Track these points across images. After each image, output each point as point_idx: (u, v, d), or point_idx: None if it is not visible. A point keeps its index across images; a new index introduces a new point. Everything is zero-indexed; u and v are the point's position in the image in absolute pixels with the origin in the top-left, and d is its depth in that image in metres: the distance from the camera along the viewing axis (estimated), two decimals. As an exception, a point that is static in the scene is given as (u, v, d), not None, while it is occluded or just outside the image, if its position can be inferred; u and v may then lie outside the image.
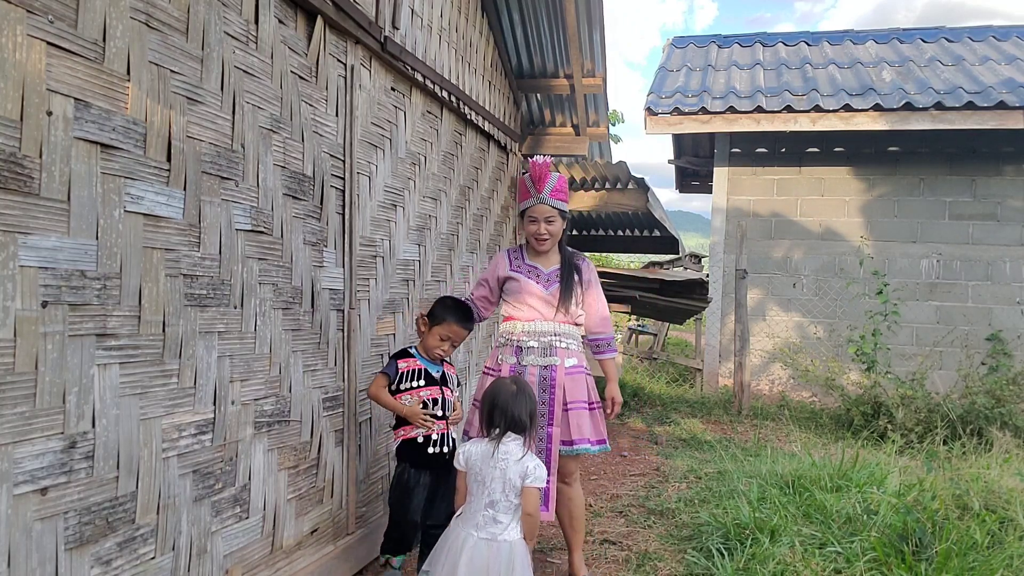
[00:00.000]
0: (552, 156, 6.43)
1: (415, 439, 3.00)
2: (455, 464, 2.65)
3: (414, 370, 3.04)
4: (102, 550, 1.92)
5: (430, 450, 2.99)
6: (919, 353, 7.63)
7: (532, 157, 3.14)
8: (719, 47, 9.85)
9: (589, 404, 3.14)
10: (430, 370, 3.08)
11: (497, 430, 2.61)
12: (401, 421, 3.05)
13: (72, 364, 1.82)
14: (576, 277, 3.18)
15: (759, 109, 7.58)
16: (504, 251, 3.35)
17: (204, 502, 2.31)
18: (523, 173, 3.15)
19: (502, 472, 2.52)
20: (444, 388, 3.10)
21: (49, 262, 1.76)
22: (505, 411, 2.60)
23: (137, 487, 2.03)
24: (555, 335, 3.13)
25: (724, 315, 8.35)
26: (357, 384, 3.27)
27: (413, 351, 3.12)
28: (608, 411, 3.22)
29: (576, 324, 3.22)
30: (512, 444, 2.57)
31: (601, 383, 3.27)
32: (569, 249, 3.30)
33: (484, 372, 3.28)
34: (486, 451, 2.57)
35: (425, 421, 2.98)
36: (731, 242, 8.26)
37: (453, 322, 3.07)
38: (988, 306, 7.75)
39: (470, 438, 2.90)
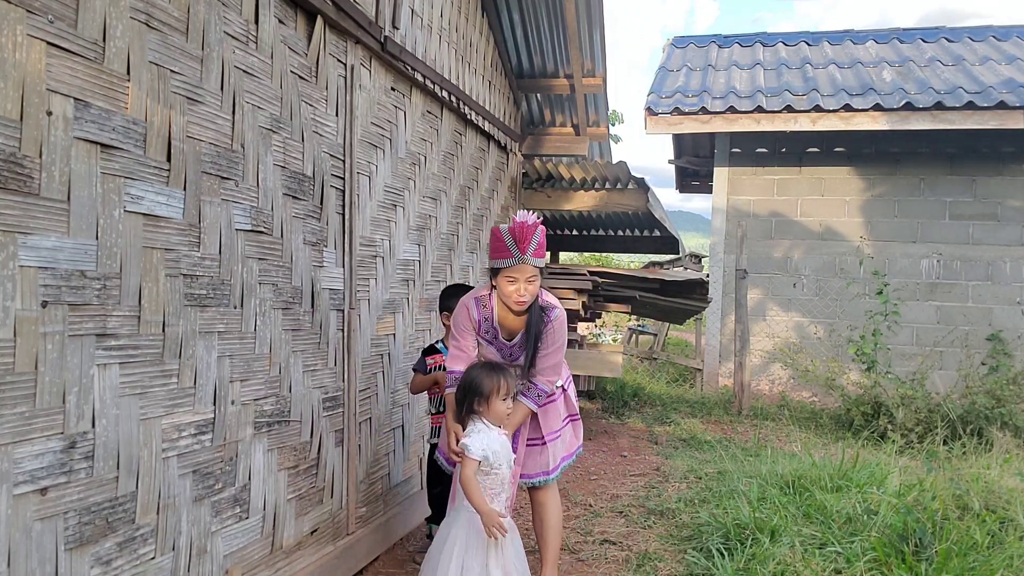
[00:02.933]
0: (552, 156, 6.43)
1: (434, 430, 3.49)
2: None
3: (440, 365, 3.40)
4: (102, 550, 1.92)
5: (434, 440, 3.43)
6: (919, 353, 7.63)
7: (516, 214, 2.77)
8: (719, 47, 9.85)
9: (542, 438, 3.00)
10: None
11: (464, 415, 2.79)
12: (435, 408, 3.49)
13: (72, 364, 1.82)
14: (538, 350, 2.88)
15: (759, 109, 7.58)
16: (466, 305, 2.95)
17: (204, 502, 2.31)
18: (498, 226, 2.80)
19: None
20: None
21: (49, 262, 1.76)
22: (467, 393, 2.76)
23: (137, 487, 2.03)
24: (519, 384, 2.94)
25: (724, 315, 8.35)
26: (357, 384, 3.27)
27: (439, 346, 3.49)
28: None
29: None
30: (469, 426, 2.74)
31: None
32: (539, 304, 2.87)
33: None
34: None
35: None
36: (731, 242, 8.26)
37: None
38: (988, 306, 7.75)
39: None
